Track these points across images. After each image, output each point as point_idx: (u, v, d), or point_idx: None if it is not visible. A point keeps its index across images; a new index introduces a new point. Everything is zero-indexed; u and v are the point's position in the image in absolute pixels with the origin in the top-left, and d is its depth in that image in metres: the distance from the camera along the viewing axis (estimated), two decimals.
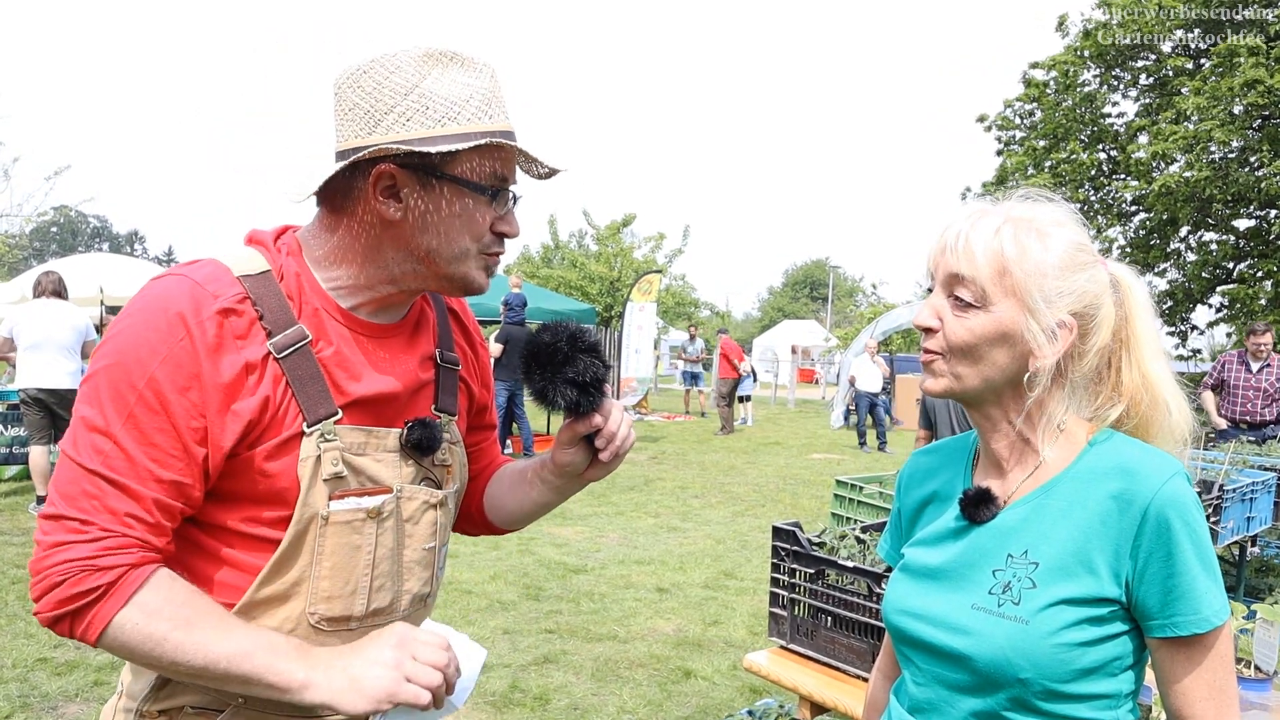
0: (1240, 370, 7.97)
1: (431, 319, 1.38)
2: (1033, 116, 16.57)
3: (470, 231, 1.21)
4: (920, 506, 1.36)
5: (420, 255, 1.21)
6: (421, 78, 1.15)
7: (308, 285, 1.21)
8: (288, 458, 1.16)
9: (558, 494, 1.39)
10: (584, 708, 4.02)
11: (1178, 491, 1.10)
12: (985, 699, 1.15)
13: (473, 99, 1.17)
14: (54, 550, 1.05)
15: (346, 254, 1.23)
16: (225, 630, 1.08)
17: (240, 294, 1.14)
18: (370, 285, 1.24)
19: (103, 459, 1.07)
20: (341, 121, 1.19)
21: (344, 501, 1.19)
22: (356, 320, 1.25)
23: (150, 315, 1.10)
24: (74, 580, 1.04)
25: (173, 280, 1.13)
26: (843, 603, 2.39)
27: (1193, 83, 13.14)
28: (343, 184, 1.19)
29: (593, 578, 6.16)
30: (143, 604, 1.06)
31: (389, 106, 1.15)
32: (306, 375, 1.17)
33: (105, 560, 1.05)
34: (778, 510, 8.96)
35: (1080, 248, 1.17)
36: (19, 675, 4.08)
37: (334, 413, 1.19)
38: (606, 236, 23.93)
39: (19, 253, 19.54)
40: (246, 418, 1.12)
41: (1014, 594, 1.14)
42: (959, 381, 1.19)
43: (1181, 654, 1.12)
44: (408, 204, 1.18)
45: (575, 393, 1.21)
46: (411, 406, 1.30)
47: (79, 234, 65.40)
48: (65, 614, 1.06)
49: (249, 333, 1.14)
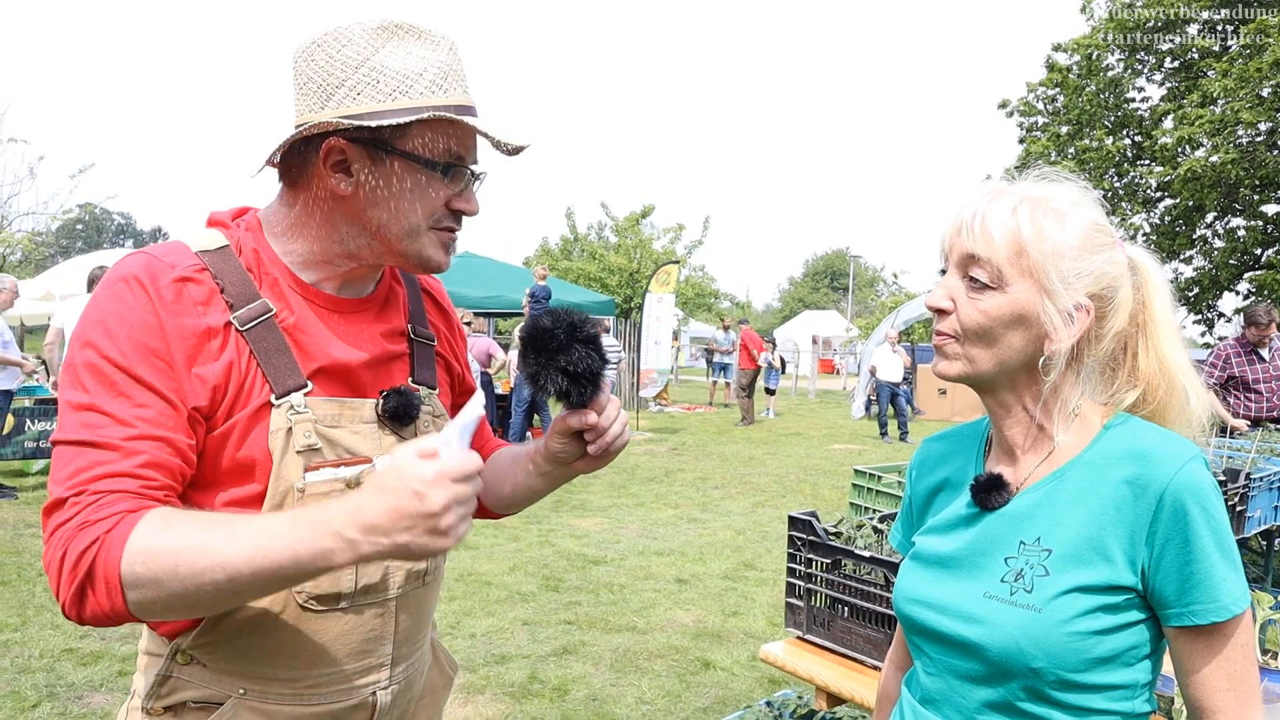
0: (1251, 362, 6.77)
1: (402, 295, 1.38)
2: (1055, 102, 16.36)
3: (422, 207, 1.19)
4: (931, 494, 1.34)
5: (372, 230, 1.20)
6: (374, 51, 1.14)
7: (266, 258, 1.21)
8: (258, 430, 1.15)
9: (547, 481, 1.37)
10: (603, 698, 4.02)
11: (1195, 476, 1.07)
12: (998, 689, 1.13)
13: (426, 72, 1.15)
14: (55, 534, 1.02)
15: (303, 228, 1.23)
16: (232, 533, 0.99)
17: (198, 265, 1.15)
18: (329, 260, 1.24)
19: (91, 430, 1.05)
20: (297, 95, 1.19)
21: (319, 473, 1.17)
22: (319, 293, 1.24)
23: (112, 288, 1.12)
24: (74, 544, 0.99)
25: (130, 258, 1.15)
26: (859, 593, 2.37)
27: (1220, 64, 12.90)
28: (298, 159, 1.19)
29: (612, 569, 6.16)
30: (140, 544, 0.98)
31: (340, 80, 1.14)
32: (272, 347, 1.16)
33: (98, 514, 1.00)
34: (798, 501, 8.93)
35: (1099, 228, 1.14)
36: (46, 665, 4.14)
37: (302, 384, 1.18)
38: (625, 228, 23.91)
39: (45, 250, 19.80)
40: (212, 383, 1.11)
41: (1026, 582, 1.12)
42: (972, 365, 1.16)
43: (1200, 643, 1.09)
44: (358, 179, 1.17)
45: (566, 381, 1.19)
46: (385, 379, 1.29)
47: (104, 231, 66.17)
48: (82, 584, 0.99)
49: (209, 301, 1.13)
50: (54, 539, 1.02)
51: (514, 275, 16.16)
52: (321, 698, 1.22)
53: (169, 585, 0.98)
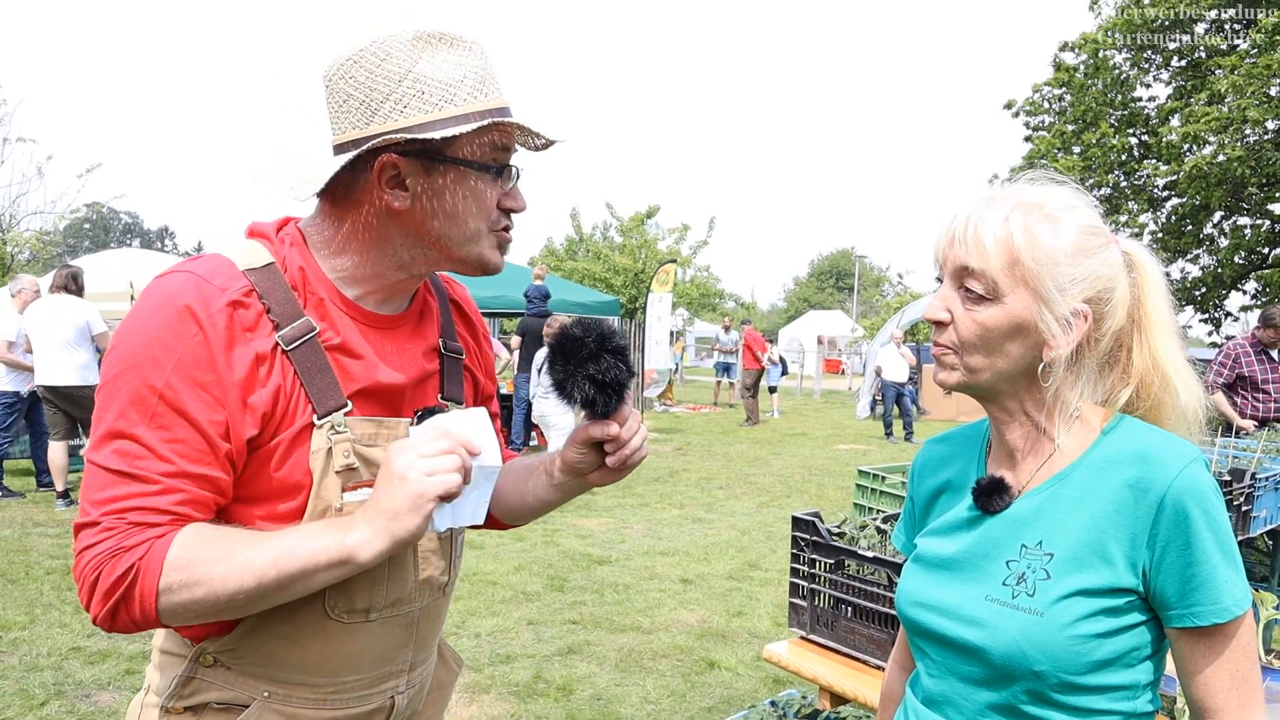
0: (1261, 362, 6.66)
1: (434, 309, 1.38)
2: (1062, 101, 16.31)
3: (480, 211, 1.20)
4: (933, 496, 1.34)
5: (430, 240, 1.21)
6: (414, 62, 1.14)
7: (312, 275, 1.21)
8: (300, 451, 1.16)
9: (561, 492, 1.37)
10: (607, 698, 4.03)
11: (1195, 478, 1.07)
12: (1000, 691, 1.13)
13: (467, 78, 1.16)
14: (86, 552, 1.05)
15: (353, 243, 1.22)
16: (259, 543, 1.07)
17: (246, 287, 1.14)
18: (378, 273, 1.23)
19: (129, 460, 1.06)
20: (336, 114, 1.18)
21: (357, 493, 1.18)
22: (362, 311, 1.24)
23: (160, 313, 1.09)
24: (108, 569, 1.04)
25: (178, 277, 1.13)
26: (863, 593, 2.37)
27: (1229, 60, 12.84)
28: (346, 176, 1.18)
29: (617, 569, 6.17)
30: (176, 561, 1.04)
31: (384, 95, 1.14)
32: (316, 367, 1.16)
33: (132, 540, 1.05)
34: (803, 501, 8.93)
35: (1092, 231, 1.14)
36: (54, 664, 4.16)
37: (343, 404, 1.18)
38: (630, 228, 23.90)
39: (53, 249, 19.85)
40: (261, 410, 1.12)
41: (1028, 585, 1.12)
42: (972, 374, 1.17)
43: (1202, 644, 1.09)
44: (414, 192, 1.17)
45: (593, 390, 1.20)
46: (418, 396, 1.30)
47: (111, 230, 66.29)
48: (117, 604, 1.04)
49: (257, 325, 1.13)
50: (87, 558, 1.05)
51: (519, 275, 16.14)
52: (344, 703, 1.24)
53: (199, 595, 1.04)
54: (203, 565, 1.04)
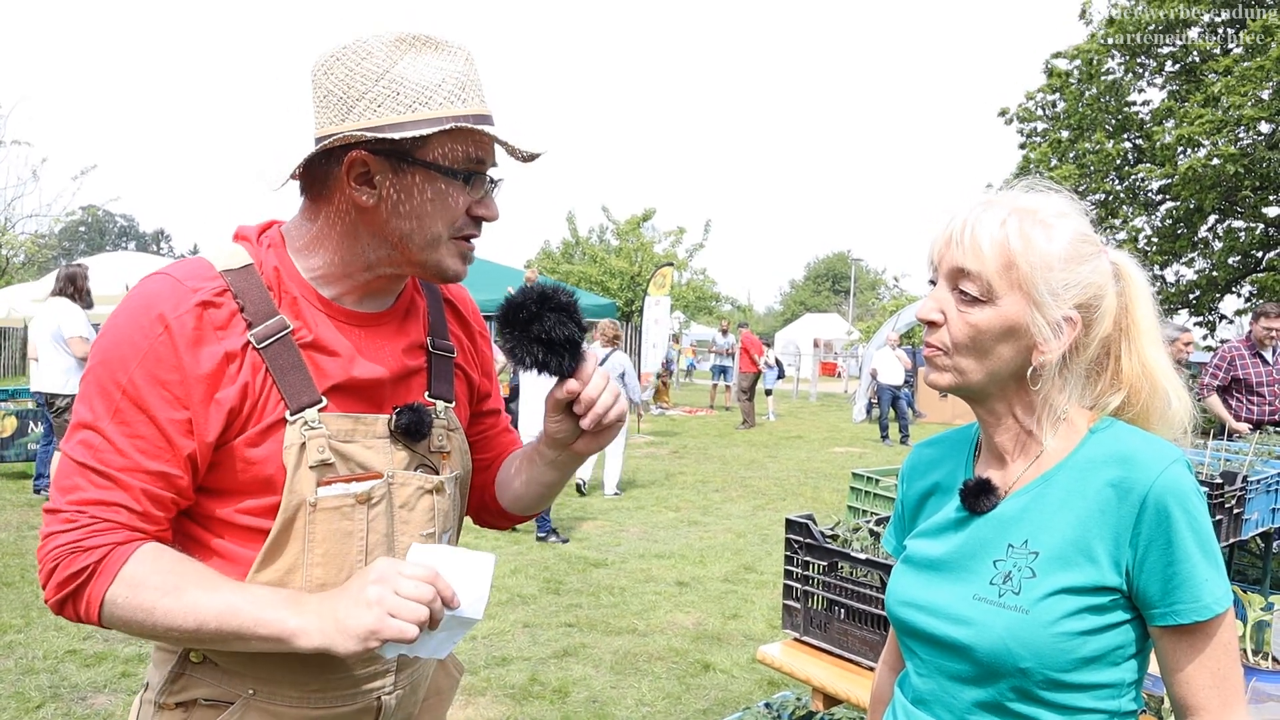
0: (1255, 364, 6.61)
1: (422, 307, 1.39)
2: (1055, 108, 16.36)
3: (444, 216, 1.21)
4: (922, 498, 1.36)
5: (394, 241, 1.22)
6: (393, 63, 1.16)
7: (287, 275, 1.23)
8: (271, 444, 1.18)
9: (556, 469, 1.37)
10: (603, 700, 4.04)
11: (1177, 479, 1.09)
12: (987, 689, 1.15)
13: (445, 83, 1.17)
14: (49, 539, 1.11)
15: (325, 241, 1.25)
16: (212, 590, 1.10)
17: (220, 287, 1.17)
18: (349, 272, 1.26)
19: (92, 453, 1.12)
20: (318, 108, 1.21)
21: (332, 488, 1.20)
22: (339, 309, 1.26)
23: (133, 313, 1.15)
24: (65, 563, 1.09)
25: (155, 279, 1.18)
26: (856, 595, 2.39)
27: (1224, 61, 12.88)
28: (320, 172, 1.22)
29: (613, 571, 6.18)
30: (129, 577, 1.09)
31: (361, 92, 1.16)
32: (288, 364, 1.19)
33: (91, 541, 1.10)
34: (798, 504, 8.95)
35: (1084, 238, 1.17)
36: (49, 666, 4.16)
37: (317, 400, 1.20)
38: (626, 231, 23.92)
39: (48, 252, 19.85)
40: (228, 406, 1.15)
41: (1014, 584, 1.14)
42: (963, 376, 1.18)
43: (1184, 642, 1.11)
44: (381, 190, 1.19)
45: (541, 351, 1.19)
46: (401, 393, 1.31)
47: (106, 233, 66.19)
48: (66, 596, 1.11)
49: (229, 324, 1.16)
50: (49, 546, 1.11)
51: (515, 279, 16.18)
52: (328, 702, 1.25)
53: (139, 618, 1.10)
54: (151, 592, 1.09)
